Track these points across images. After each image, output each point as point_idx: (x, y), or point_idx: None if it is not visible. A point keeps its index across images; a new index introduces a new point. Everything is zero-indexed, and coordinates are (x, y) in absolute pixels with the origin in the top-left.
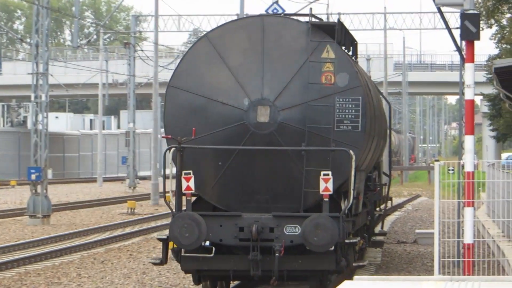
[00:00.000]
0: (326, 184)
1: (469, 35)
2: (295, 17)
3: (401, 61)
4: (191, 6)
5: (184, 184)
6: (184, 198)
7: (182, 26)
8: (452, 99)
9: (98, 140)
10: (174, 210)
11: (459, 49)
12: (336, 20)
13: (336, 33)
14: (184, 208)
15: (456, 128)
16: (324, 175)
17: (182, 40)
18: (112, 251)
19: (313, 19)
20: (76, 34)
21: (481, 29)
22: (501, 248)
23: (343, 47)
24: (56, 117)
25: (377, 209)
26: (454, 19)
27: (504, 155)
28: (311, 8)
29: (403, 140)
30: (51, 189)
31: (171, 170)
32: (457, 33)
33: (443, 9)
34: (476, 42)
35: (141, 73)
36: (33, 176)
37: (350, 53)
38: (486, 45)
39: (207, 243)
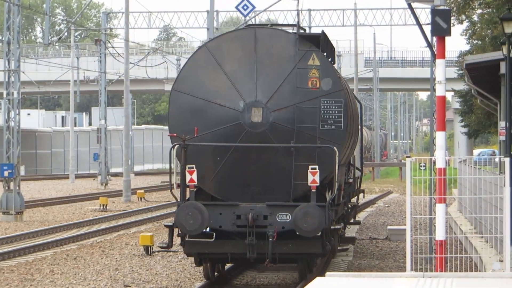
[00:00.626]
0: (313, 177)
1: (440, 31)
2: (284, 29)
3: (371, 57)
4: (161, 2)
5: (187, 177)
6: (187, 189)
7: (152, 23)
8: (423, 95)
9: (70, 137)
10: (179, 200)
11: (430, 45)
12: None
13: (321, 43)
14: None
15: (428, 124)
16: (312, 169)
17: (153, 36)
18: (85, 247)
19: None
20: (47, 31)
21: (452, 25)
22: (473, 245)
23: (325, 54)
24: (28, 114)
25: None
26: (425, 15)
27: (476, 151)
28: (298, 21)
29: (374, 137)
30: (24, 185)
31: (176, 165)
32: (428, 29)
33: (414, 5)
34: (447, 38)
35: (112, 70)
36: (5, 173)
37: (329, 59)
38: (457, 41)
39: (207, 229)
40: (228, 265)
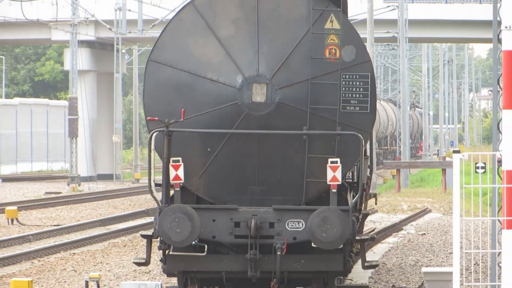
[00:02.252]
0: (334, 173)
1: None
2: None
3: None
4: None
5: (172, 173)
6: (172, 189)
7: None
8: (481, 50)
9: None
10: (161, 203)
11: None
12: None
13: (341, 1)
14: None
15: (489, 97)
16: (332, 162)
17: None
18: None
19: None
20: None
21: None
22: None
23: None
24: None
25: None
26: None
27: None
28: None
29: (401, 119)
30: None
31: (154, 158)
32: None
33: None
34: None
35: None
36: None
37: None
38: None
39: (196, 240)
40: None
